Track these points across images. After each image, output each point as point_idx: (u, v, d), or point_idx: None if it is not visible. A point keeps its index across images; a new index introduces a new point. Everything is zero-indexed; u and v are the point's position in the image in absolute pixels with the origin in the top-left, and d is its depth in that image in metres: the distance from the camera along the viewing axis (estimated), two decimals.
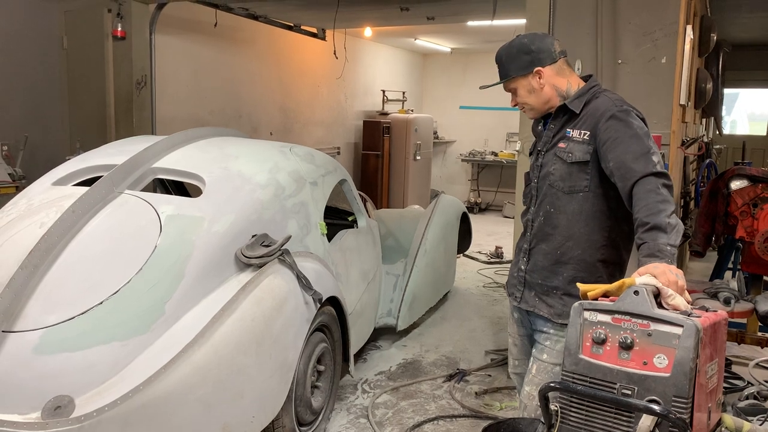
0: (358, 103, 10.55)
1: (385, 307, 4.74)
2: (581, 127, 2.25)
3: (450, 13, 7.13)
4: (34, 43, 6.19)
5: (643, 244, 1.89)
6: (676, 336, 1.60)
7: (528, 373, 2.42)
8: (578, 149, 2.24)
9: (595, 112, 2.24)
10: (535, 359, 2.40)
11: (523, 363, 2.57)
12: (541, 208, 2.36)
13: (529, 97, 2.38)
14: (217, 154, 3.45)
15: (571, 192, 2.27)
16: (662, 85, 3.88)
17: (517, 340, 2.60)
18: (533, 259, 2.39)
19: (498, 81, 2.44)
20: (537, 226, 2.37)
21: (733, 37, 8.52)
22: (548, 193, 2.33)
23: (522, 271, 2.43)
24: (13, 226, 2.88)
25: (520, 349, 2.60)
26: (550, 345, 2.36)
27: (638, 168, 2.01)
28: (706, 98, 5.53)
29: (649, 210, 1.91)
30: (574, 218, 2.27)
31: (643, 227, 1.90)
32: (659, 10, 3.86)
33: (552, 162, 2.32)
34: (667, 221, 1.89)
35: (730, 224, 4.59)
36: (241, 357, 2.66)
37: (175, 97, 6.95)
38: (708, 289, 3.80)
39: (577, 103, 2.30)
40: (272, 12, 7.34)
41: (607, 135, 2.14)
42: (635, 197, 1.99)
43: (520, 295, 2.45)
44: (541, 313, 2.37)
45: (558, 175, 2.30)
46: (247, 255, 2.89)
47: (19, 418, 2.30)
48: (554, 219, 2.31)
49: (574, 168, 2.25)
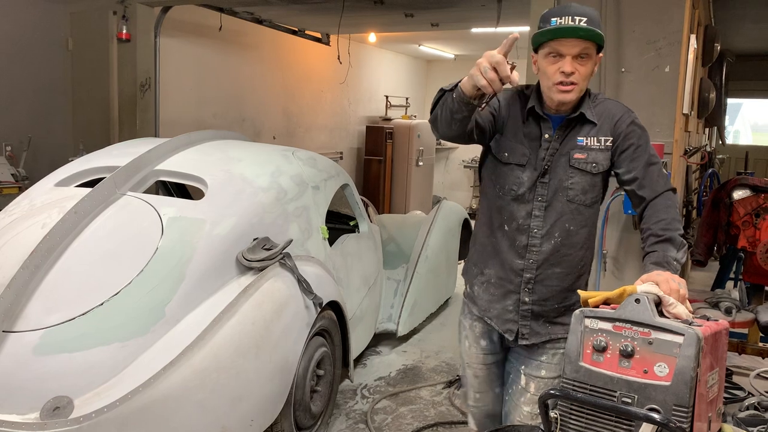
0: (361, 109, 10.57)
1: (385, 313, 4.74)
2: (598, 134, 2.06)
3: (454, 20, 7.15)
4: (39, 45, 6.21)
5: (652, 253, 1.88)
6: (677, 345, 1.59)
7: (523, 393, 2.22)
8: (602, 158, 2.06)
9: (609, 116, 2.07)
10: (531, 377, 2.20)
11: (486, 395, 2.34)
12: (557, 229, 2.07)
13: (585, 79, 1.99)
14: (220, 157, 3.46)
15: (592, 204, 2.10)
16: (665, 94, 3.89)
17: (482, 371, 2.32)
18: (542, 286, 2.12)
19: (590, 28, 1.91)
20: (549, 250, 2.08)
21: (736, 48, 8.53)
22: (566, 210, 2.07)
23: (527, 304, 2.13)
24: (16, 227, 2.88)
25: (483, 379, 2.33)
26: (547, 359, 2.19)
27: (662, 181, 2.01)
28: (709, 108, 5.53)
29: (667, 225, 1.91)
30: (592, 229, 2.14)
31: (656, 238, 1.90)
32: (663, 20, 3.87)
33: (567, 175, 2.05)
34: (680, 239, 1.90)
35: (732, 234, 4.59)
36: (240, 360, 2.66)
37: (178, 100, 6.96)
38: (709, 299, 3.79)
39: (591, 112, 2.07)
40: (277, 16, 7.36)
41: (629, 141, 2.04)
42: (654, 208, 1.97)
43: (528, 331, 2.15)
44: (558, 336, 2.15)
45: (579, 188, 2.06)
46: (248, 258, 2.90)
47: (18, 418, 2.30)
48: (574, 237, 2.09)
49: (598, 178, 2.08)
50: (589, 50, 1.95)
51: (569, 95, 1.98)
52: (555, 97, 2.00)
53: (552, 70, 1.97)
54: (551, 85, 1.99)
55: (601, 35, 1.94)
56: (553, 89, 1.99)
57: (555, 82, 1.97)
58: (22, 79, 6.06)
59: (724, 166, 8.92)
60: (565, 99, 1.99)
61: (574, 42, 1.92)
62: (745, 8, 6.49)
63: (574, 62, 1.94)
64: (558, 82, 1.96)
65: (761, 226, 4.37)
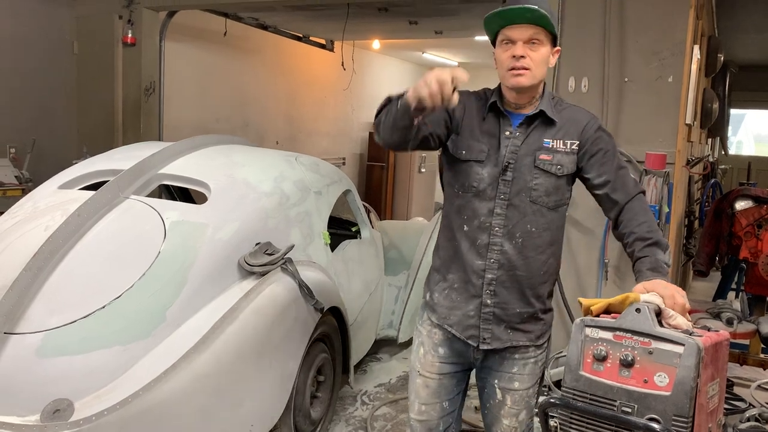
0: (364, 115, 10.59)
1: (386, 319, 4.73)
2: (565, 137, 2.07)
3: (458, 28, 7.18)
4: (45, 48, 6.25)
5: (644, 258, 1.92)
6: (677, 355, 1.60)
7: (501, 407, 2.20)
8: (568, 161, 2.07)
9: (575, 121, 2.09)
10: (505, 390, 2.17)
11: (433, 408, 2.24)
12: (518, 229, 2.06)
13: (539, 65, 2.02)
14: (223, 162, 3.47)
15: (556, 207, 2.09)
16: (668, 104, 3.90)
17: (434, 382, 2.23)
18: (503, 289, 2.09)
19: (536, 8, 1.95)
20: (511, 251, 2.07)
21: (740, 58, 8.54)
22: (529, 210, 2.06)
23: (488, 307, 2.10)
24: (19, 229, 2.89)
25: (433, 391, 2.23)
26: (518, 371, 2.16)
27: (633, 184, 2.07)
28: (712, 118, 5.54)
29: (649, 227, 1.97)
30: (555, 234, 2.14)
31: (644, 242, 1.94)
32: (667, 30, 3.88)
33: (532, 175, 2.05)
34: (665, 241, 1.97)
35: (734, 245, 4.59)
36: (241, 365, 2.66)
37: (182, 104, 6.99)
38: (711, 310, 3.79)
39: (552, 110, 2.09)
40: (282, 22, 7.39)
41: (598, 146, 2.07)
42: (631, 212, 2.01)
43: (489, 335, 2.12)
44: (521, 343, 2.13)
45: (543, 190, 2.06)
46: (250, 263, 2.90)
47: (18, 420, 2.30)
48: (536, 239, 2.08)
49: (562, 181, 2.08)
50: (540, 36, 2.00)
51: (522, 79, 2.00)
52: (509, 82, 2.04)
53: (505, 56, 2.02)
54: (505, 72, 2.04)
55: (548, 18, 1.97)
56: (507, 75, 2.03)
57: (508, 68, 2.02)
58: (28, 82, 6.09)
59: (727, 177, 8.92)
60: (519, 83, 2.01)
61: (524, 27, 1.99)
62: (749, 19, 6.51)
63: (525, 47, 1.99)
64: (510, 67, 2.01)
65: (763, 237, 4.38)
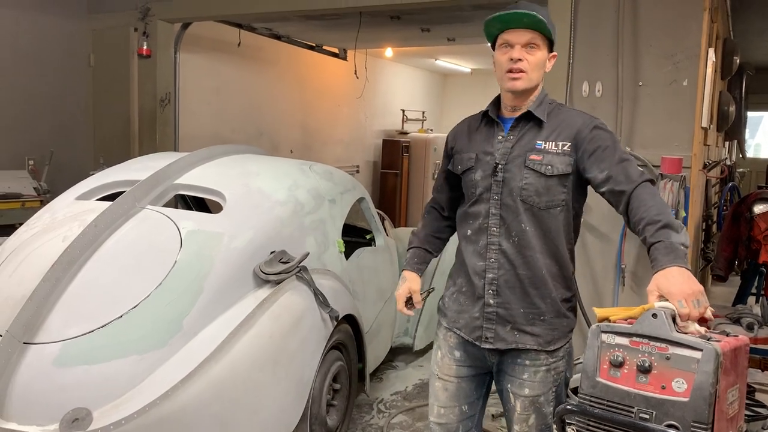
0: (377, 122, 10.62)
1: (401, 327, 4.73)
2: (557, 138, 2.09)
3: (470, 35, 7.18)
4: (61, 61, 6.34)
5: (658, 243, 1.81)
6: (695, 360, 1.58)
7: (512, 412, 2.20)
8: (559, 161, 2.07)
9: (570, 123, 2.11)
10: (516, 396, 2.17)
11: (451, 411, 2.28)
12: (513, 229, 2.11)
13: (535, 69, 2.08)
14: (238, 171, 3.49)
15: (548, 207, 2.10)
16: (683, 107, 3.87)
17: (452, 385, 2.27)
18: (507, 288, 2.13)
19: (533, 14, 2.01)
20: (509, 249, 2.11)
21: (756, 61, 8.45)
22: (521, 209, 2.10)
23: (491, 306, 2.14)
24: (37, 239, 2.93)
25: (452, 394, 2.28)
26: (529, 377, 2.15)
27: (638, 173, 2.01)
28: (729, 121, 5.49)
29: (659, 210, 1.88)
30: (554, 235, 2.12)
31: (655, 224, 1.84)
32: (681, 34, 3.86)
33: (521, 176, 2.09)
34: (678, 222, 1.86)
35: (753, 249, 4.53)
36: (257, 373, 2.67)
37: (197, 115, 7.05)
38: (730, 315, 3.74)
39: (540, 111, 2.12)
40: (295, 32, 7.44)
41: (595, 144, 2.05)
42: (637, 199, 1.94)
43: (492, 334, 2.15)
44: (527, 346, 2.13)
45: (533, 190, 2.08)
46: (265, 271, 2.91)
47: (38, 429, 2.33)
48: (532, 239, 2.10)
49: (553, 181, 2.08)
50: (537, 41, 2.06)
51: (518, 82, 2.07)
52: (506, 85, 2.10)
53: (503, 59, 2.09)
54: (503, 74, 2.10)
55: (544, 24, 2.03)
56: (505, 78, 2.09)
57: (505, 70, 2.08)
58: (45, 95, 6.18)
59: (745, 180, 8.83)
60: (515, 86, 2.07)
61: (522, 32, 2.05)
62: (765, 21, 6.45)
63: (523, 51, 2.06)
64: (508, 70, 2.07)
65: None
